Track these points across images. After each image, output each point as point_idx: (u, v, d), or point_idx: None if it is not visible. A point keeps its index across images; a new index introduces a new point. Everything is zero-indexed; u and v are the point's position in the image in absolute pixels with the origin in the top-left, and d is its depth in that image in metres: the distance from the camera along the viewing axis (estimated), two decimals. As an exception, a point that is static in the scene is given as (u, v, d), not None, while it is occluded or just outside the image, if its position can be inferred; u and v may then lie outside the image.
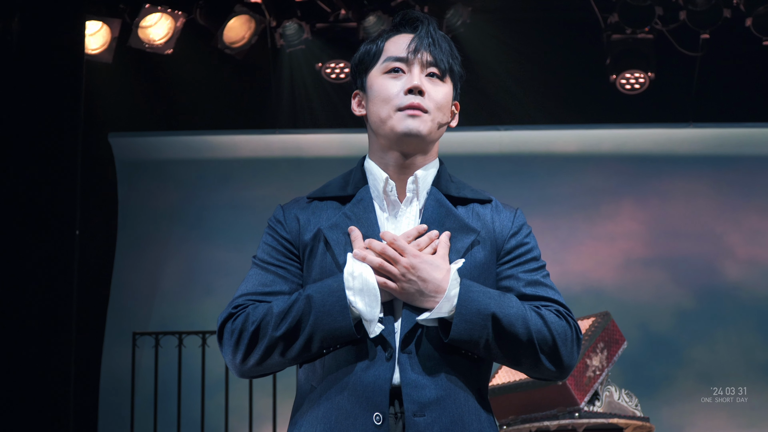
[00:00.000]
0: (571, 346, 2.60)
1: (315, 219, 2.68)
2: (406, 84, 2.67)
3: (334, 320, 2.50)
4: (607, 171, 9.19)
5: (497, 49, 8.51)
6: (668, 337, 8.88)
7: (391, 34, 2.76)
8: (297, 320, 2.51)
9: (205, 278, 8.90)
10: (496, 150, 9.17)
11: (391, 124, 2.66)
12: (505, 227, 2.72)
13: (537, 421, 5.39)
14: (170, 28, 8.18)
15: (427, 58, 2.70)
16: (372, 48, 2.75)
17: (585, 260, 9.05)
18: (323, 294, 2.52)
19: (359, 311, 2.51)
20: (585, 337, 5.41)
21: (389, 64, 2.70)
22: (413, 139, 2.66)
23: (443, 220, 2.66)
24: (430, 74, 2.70)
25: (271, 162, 9.17)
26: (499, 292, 2.57)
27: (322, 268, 2.61)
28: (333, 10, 8.34)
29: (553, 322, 2.59)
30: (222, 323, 2.60)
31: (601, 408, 5.36)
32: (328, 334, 2.51)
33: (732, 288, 8.97)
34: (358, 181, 2.73)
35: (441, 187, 2.72)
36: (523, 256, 2.71)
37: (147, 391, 8.50)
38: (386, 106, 2.67)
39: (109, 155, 8.96)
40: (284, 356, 2.54)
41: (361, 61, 2.76)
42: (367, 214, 2.66)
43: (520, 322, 2.54)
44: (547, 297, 2.67)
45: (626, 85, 8.51)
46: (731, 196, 9.12)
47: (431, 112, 2.67)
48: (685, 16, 8.22)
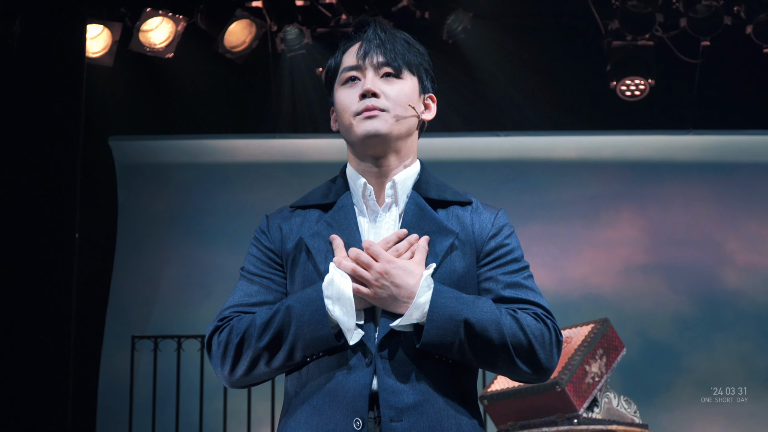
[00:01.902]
0: (549, 349, 2.59)
1: (297, 228, 2.70)
2: (359, 90, 2.69)
3: (314, 329, 2.52)
4: (606, 177, 9.19)
5: (498, 55, 8.51)
6: (667, 344, 8.88)
7: (348, 45, 2.78)
8: (278, 331, 2.54)
9: (204, 282, 8.90)
10: (496, 156, 9.17)
11: (353, 130, 2.69)
12: (484, 229, 2.73)
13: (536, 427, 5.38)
14: (171, 32, 8.19)
15: (378, 59, 2.71)
16: (332, 63, 2.79)
17: (584, 267, 9.05)
18: (303, 304, 2.54)
19: (337, 319, 2.53)
20: (584, 344, 5.41)
21: (344, 74, 2.73)
22: (375, 140, 2.68)
23: (421, 224, 2.66)
24: (387, 74, 2.72)
25: (271, 166, 9.17)
26: (473, 297, 2.57)
27: (305, 276, 2.63)
28: (334, 15, 8.34)
29: (529, 325, 2.57)
30: (209, 336, 2.65)
31: (599, 414, 5.36)
32: (310, 343, 2.53)
33: (731, 295, 8.97)
34: (339, 188, 2.76)
35: (421, 190, 2.73)
36: (502, 258, 2.71)
37: (145, 395, 8.50)
38: (346, 114, 2.70)
39: (109, 159, 8.96)
40: (269, 366, 2.57)
41: (326, 78, 2.81)
42: (348, 221, 2.67)
43: (494, 327, 2.53)
44: (526, 299, 2.65)
45: (626, 91, 8.51)
46: (731, 203, 9.12)
47: (390, 110, 2.68)
48: (685, 23, 8.22)
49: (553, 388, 5.22)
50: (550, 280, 8.86)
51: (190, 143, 9.27)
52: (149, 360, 8.53)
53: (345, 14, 8.29)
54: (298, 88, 8.69)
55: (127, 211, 9.04)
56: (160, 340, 8.53)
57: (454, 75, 8.28)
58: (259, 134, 9.18)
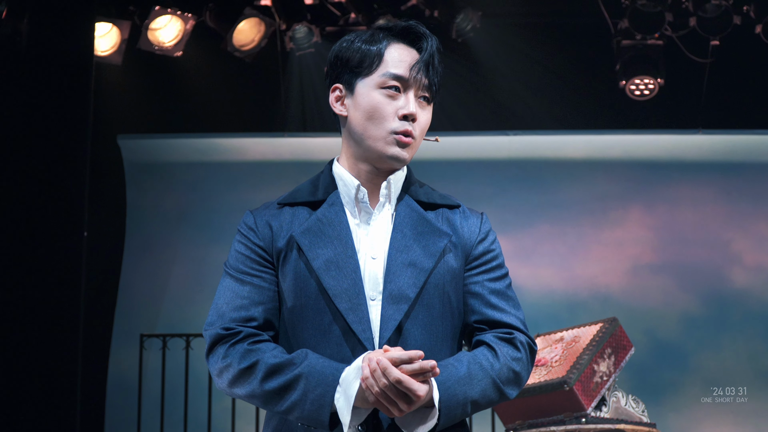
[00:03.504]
0: (529, 369, 2.69)
1: (287, 225, 2.68)
2: (402, 109, 2.66)
3: (315, 410, 2.50)
4: (615, 177, 9.18)
5: (507, 54, 8.51)
6: (675, 344, 8.87)
7: (392, 41, 2.72)
8: (282, 387, 2.53)
9: (212, 281, 8.89)
10: (505, 155, 9.17)
11: (380, 145, 2.66)
12: (473, 233, 2.75)
13: (544, 426, 5.38)
14: (180, 31, 8.19)
15: (423, 82, 2.69)
16: (371, 51, 2.70)
17: (593, 266, 9.04)
18: (315, 379, 2.51)
19: (338, 410, 2.50)
20: (593, 343, 5.41)
21: (388, 80, 2.67)
22: (397, 164, 2.68)
23: (415, 225, 2.68)
24: (423, 97, 2.70)
25: (280, 165, 9.18)
26: (467, 375, 2.57)
27: (296, 273, 2.62)
28: (343, 14, 8.34)
29: (515, 362, 2.65)
30: (213, 341, 2.64)
31: (608, 414, 5.36)
32: (306, 418, 2.52)
33: (739, 294, 8.97)
34: (327, 185, 2.74)
35: (411, 192, 2.74)
36: (489, 263, 2.74)
37: (154, 393, 8.51)
38: (379, 125, 2.66)
39: (117, 157, 8.97)
40: (264, 405, 2.57)
41: (355, 63, 2.71)
42: (339, 218, 2.67)
43: (493, 389, 2.60)
44: (507, 323, 2.69)
45: (636, 91, 8.50)
46: (739, 203, 9.11)
47: (416, 138, 2.69)
48: (695, 22, 8.21)
49: (562, 387, 5.22)
50: (559, 279, 8.86)
51: (198, 142, 9.28)
52: (158, 358, 8.54)
53: (354, 13, 8.28)
54: (307, 86, 8.69)
55: (136, 209, 9.05)
56: (169, 338, 8.54)
57: (462, 74, 8.27)
58: (268, 133, 9.19)
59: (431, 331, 2.63)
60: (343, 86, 2.73)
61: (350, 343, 2.57)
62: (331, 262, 2.61)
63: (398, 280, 2.61)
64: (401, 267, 2.62)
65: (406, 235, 2.66)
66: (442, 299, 2.65)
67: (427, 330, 2.62)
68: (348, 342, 2.57)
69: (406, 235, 2.66)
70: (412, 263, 2.62)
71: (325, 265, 2.61)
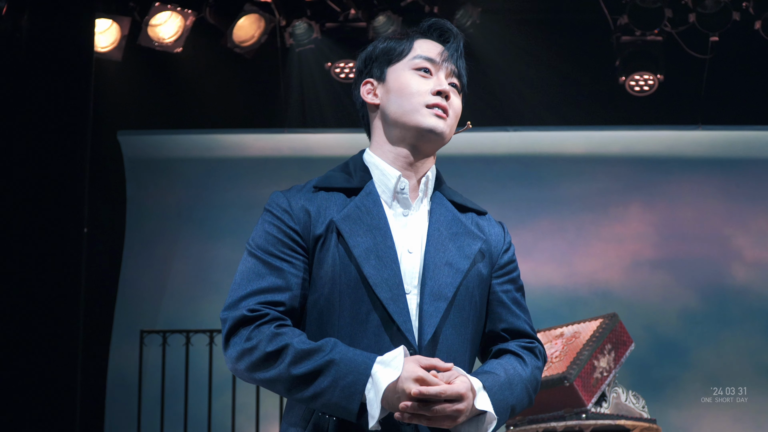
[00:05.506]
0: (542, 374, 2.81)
1: (324, 210, 2.64)
2: (436, 86, 2.70)
3: (343, 398, 2.45)
4: (615, 173, 9.18)
5: (506, 50, 8.51)
6: (675, 339, 8.87)
7: (419, 37, 2.78)
8: (311, 372, 2.46)
9: (212, 277, 8.91)
10: (504, 151, 9.17)
11: (417, 117, 2.68)
12: (499, 241, 2.78)
13: (544, 422, 5.39)
14: (180, 27, 8.19)
15: (453, 68, 2.75)
16: (399, 44, 2.76)
17: (593, 262, 9.04)
18: (347, 367, 2.46)
19: (368, 402, 2.45)
20: (593, 339, 5.42)
21: (420, 62, 2.73)
22: (434, 137, 2.69)
23: (450, 224, 2.68)
24: (452, 84, 2.75)
25: (280, 161, 9.17)
26: (507, 382, 2.61)
27: (334, 260, 2.57)
28: (343, 10, 8.34)
29: (538, 370, 2.72)
30: (237, 322, 2.53)
31: (608, 409, 5.36)
32: (333, 407, 2.46)
33: (739, 290, 8.97)
34: (362, 174, 2.72)
35: (443, 191, 2.75)
36: (511, 273, 2.79)
37: (154, 389, 8.51)
38: (413, 99, 2.69)
39: (117, 153, 8.97)
40: (287, 391, 2.50)
41: (384, 53, 2.77)
42: (377, 208, 2.64)
43: (525, 395, 2.66)
44: (527, 333, 2.76)
45: (635, 86, 8.51)
46: (739, 199, 9.11)
47: (450, 119, 2.72)
48: (694, 18, 8.21)
49: (562, 383, 5.23)
50: (559, 274, 8.86)
51: (198, 138, 9.27)
52: (158, 354, 8.53)
53: (354, 9, 8.29)
54: (307, 82, 8.69)
55: (136, 205, 9.05)
56: (169, 334, 8.53)
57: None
58: (268, 129, 9.18)
59: (460, 333, 2.63)
60: (374, 79, 2.77)
61: (389, 332, 2.53)
62: (371, 251, 2.58)
63: (438, 278, 2.60)
64: (440, 265, 2.61)
65: (442, 233, 2.66)
66: (471, 302, 2.65)
67: (457, 331, 2.62)
68: (387, 331, 2.54)
69: (443, 234, 2.66)
70: (449, 263, 2.62)
71: (365, 254, 2.57)
